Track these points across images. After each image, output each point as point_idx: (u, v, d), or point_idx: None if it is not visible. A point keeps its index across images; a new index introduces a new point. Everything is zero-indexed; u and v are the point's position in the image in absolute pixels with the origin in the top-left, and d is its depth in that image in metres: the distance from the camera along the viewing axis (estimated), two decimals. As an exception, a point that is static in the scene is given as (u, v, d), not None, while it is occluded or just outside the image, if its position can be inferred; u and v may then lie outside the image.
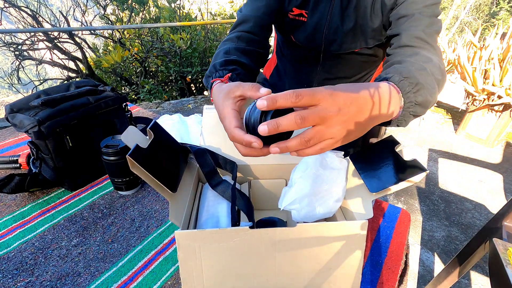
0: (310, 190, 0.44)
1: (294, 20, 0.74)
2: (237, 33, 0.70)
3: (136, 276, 0.51)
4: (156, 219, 0.64)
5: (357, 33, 0.70)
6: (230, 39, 0.69)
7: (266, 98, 0.33)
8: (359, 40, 0.71)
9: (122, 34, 3.71)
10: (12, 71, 3.78)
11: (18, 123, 0.62)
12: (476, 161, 2.47)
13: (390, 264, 0.56)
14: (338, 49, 0.74)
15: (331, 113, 0.33)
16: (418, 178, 0.38)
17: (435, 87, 0.47)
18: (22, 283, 0.49)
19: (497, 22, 4.93)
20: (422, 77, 0.45)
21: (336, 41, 0.73)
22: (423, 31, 0.57)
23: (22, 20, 3.68)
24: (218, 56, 0.63)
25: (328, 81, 0.82)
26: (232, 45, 0.66)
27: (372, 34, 0.70)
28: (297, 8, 0.72)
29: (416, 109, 0.44)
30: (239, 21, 0.72)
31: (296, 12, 0.73)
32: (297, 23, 0.74)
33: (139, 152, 0.36)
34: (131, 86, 3.99)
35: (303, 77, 0.85)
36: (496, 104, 2.44)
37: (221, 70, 0.56)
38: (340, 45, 0.73)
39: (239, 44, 0.67)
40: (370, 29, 0.68)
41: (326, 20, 0.71)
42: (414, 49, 0.56)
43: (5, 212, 0.63)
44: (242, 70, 0.59)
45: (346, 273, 0.42)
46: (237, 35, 0.69)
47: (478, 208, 1.93)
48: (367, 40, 0.71)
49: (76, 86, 0.74)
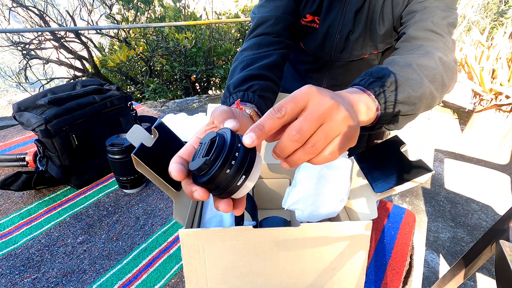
0: (314, 190, 0.44)
1: (306, 26, 0.72)
2: (256, 39, 0.64)
3: (141, 274, 0.52)
4: (160, 218, 0.64)
5: (366, 39, 0.69)
6: (249, 47, 0.63)
7: (251, 129, 0.28)
8: (368, 45, 0.69)
9: (127, 33, 3.73)
10: (19, 70, 3.83)
11: (25, 122, 0.63)
12: (483, 162, 2.44)
13: (395, 265, 0.56)
14: (348, 57, 0.72)
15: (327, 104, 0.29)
16: (424, 178, 0.38)
17: (421, 82, 0.44)
18: (29, 279, 0.50)
19: (505, 21, 4.85)
20: (404, 73, 0.43)
21: (346, 49, 0.71)
22: (433, 22, 0.54)
23: (29, 19, 3.72)
24: (235, 72, 0.56)
25: (335, 87, 0.80)
26: (251, 55, 0.59)
27: (381, 39, 0.68)
28: (310, 15, 0.71)
29: (401, 107, 0.41)
30: (257, 24, 0.67)
31: (309, 19, 0.71)
32: (309, 30, 0.73)
33: (144, 151, 0.37)
34: (136, 85, 4.01)
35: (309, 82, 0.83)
36: (503, 104, 2.40)
37: (234, 94, 0.49)
38: (350, 53, 0.71)
39: (259, 51, 0.60)
40: (379, 33, 0.67)
41: (338, 27, 0.69)
42: (418, 41, 0.54)
43: (12, 209, 0.64)
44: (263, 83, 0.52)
45: (350, 273, 0.42)
46: (256, 41, 0.63)
47: (485, 209, 1.91)
48: (377, 45, 0.69)
49: (82, 85, 0.75)
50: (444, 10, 0.56)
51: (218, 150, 0.27)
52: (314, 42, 0.73)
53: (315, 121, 0.28)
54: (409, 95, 0.42)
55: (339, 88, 0.79)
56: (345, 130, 0.30)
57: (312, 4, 0.69)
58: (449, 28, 0.56)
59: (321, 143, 0.29)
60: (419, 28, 0.55)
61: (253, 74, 0.53)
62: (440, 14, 0.55)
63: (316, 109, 0.29)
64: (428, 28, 0.54)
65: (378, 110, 0.39)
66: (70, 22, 3.91)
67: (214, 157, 0.27)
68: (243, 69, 0.55)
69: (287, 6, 0.68)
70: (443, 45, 0.53)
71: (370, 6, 0.65)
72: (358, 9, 0.66)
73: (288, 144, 0.29)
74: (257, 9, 0.70)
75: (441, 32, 0.54)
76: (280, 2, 0.68)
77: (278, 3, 0.68)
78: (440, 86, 0.47)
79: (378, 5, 0.64)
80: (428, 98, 0.45)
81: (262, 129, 0.28)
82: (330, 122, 0.29)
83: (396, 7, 0.63)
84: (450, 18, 0.56)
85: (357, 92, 0.38)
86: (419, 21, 0.56)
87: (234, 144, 0.28)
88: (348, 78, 0.78)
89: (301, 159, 0.30)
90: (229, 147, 0.27)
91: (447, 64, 0.49)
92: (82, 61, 4.03)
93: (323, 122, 0.29)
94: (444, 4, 0.57)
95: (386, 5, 0.63)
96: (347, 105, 0.32)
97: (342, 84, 0.79)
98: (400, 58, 0.48)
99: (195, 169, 0.28)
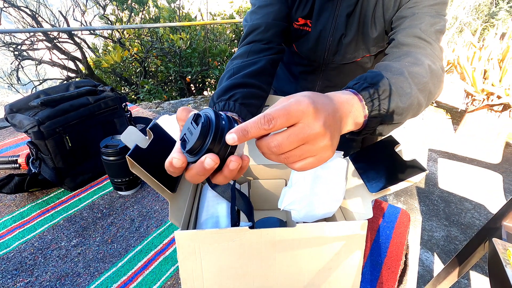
0: (310, 190, 0.44)
1: (298, 30, 0.73)
2: (246, 46, 0.65)
3: (136, 277, 0.51)
4: (155, 219, 0.63)
5: (359, 43, 0.69)
6: (239, 55, 0.64)
7: (235, 131, 0.29)
8: (361, 49, 0.70)
9: (121, 34, 3.71)
10: (11, 71, 3.77)
11: (17, 123, 0.62)
12: (476, 161, 2.47)
13: (390, 264, 0.56)
14: (341, 60, 0.73)
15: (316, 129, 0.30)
16: (418, 178, 0.38)
17: (411, 91, 0.45)
18: (22, 283, 0.49)
19: (496, 22, 4.93)
20: (396, 81, 0.44)
21: (339, 52, 0.71)
22: (421, 29, 0.55)
23: (21, 20, 3.67)
24: (222, 81, 0.58)
25: (329, 88, 0.81)
26: (239, 63, 0.61)
27: (374, 42, 0.68)
28: (302, 18, 0.71)
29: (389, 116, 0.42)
30: (248, 31, 0.68)
31: (301, 22, 0.72)
32: (301, 33, 0.73)
33: (139, 152, 0.36)
34: (130, 86, 3.98)
35: (304, 84, 0.84)
36: (495, 104, 2.44)
37: (217, 103, 0.51)
38: (343, 56, 0.72)
39: (248, 59, 0.62)
40: (371, 37, 0.67)
41: (330, 30, 0.69)
42: (407, 48, 0.55)
43: (4, 212, 0.63)
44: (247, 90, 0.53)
45: (346, 273, 0.42)
46: (246, 49, 0.64)
47: (478, 208, 1.93)
48: (369, 48, 0.70)
49: (75, 86, 0.74)
50: (433, 16, 0.56)
51: (204, 122, 0.30)
52: (306, 45, 0.74)
53: (297, 142, 0.30)
54: (397, 105, 0.43)
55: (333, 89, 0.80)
56: (320, 155, 0.32)
57: (304, 8, 0.69)
58: (437, 35, 0.56)
59: (294, 158, 0.31)
60: (408, 35, 0.56)
61: (236, 83, 0.53)
62: (428, 20, 0.56)
63: (303, 131, 0.30)
64: (416, 35, 0.55)
65: (366, 117, 0.40)
66: (63, 22, 3.86)
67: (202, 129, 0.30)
68: (228, 78, 0.56)
69: (279, 12, 0.68)
70: (431, 52, 0.54)
71: (362, 10, 0.65)
72: (349, 13, 0.66)
73: (264, 150, 0.31)
74: (249, 15, 0.70)
75: (429, 39, 0.55)
76: (271, 8, 0.68)
77: (269, 9, 0.68)
78: (428, 95, 0.49)
79: (369, 9, 0.64)
80: (415, 107, 0.46)
81: (245, 134, 0.29)
82: (310, 145, 0.30)
83: (387, 12, 0.63)
84: (438, 25, 0.56)
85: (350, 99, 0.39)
86: (408, 28, 0.57)
87: (217, 115, 0.32)
88: (342, 80, 0.79)
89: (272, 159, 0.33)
90: (215, 116, 0.31)
91: (435, 72, 0.50)
92: (75, 62, 3.99)
93: (304, 143, 0.30)
94: (433, 11, 0.57)
95: (377, 9, 0.64)
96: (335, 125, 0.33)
97: (336, 85, 0.80)
98: (393, 64, 0.49)
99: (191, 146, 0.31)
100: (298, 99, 0.30)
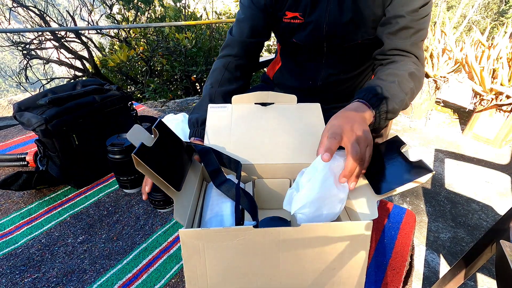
0: (319, 194, 0.43)
1: (289, 23, 0.75)
2: (224, 60, 0.78)
3: (141, 274, 0.52)
4: (160, 217, 0.64)
5: (358, 25, 0.71)
6: (217, 69, 0.77)
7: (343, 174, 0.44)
8: (361, 31, 0.72)
9: (127, 33, 3.73)
10: (20, 70, 3.83)
11: (25, 122, 0.63)
12: (483, 162, 2.43)
13: (395, 265, 0.56)
14: (341, 43, 0.74)
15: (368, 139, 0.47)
16: (424, 179, 0.38)
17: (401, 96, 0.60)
18: (29, 279, 0.50)
19: (506, 21, 4.85)
20: (391, 89, 0.59)
21: (338, 35, 0.73)
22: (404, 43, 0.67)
23: (30, 19, 3.72)
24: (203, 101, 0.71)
25: (332, 76, 0.83)
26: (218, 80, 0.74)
27: (373, 24, 0.70)
28: (289, 12, 0.73)
29: (388, 115, 0.58)
30: (226, 43, 0.79)
31: (290, 15, 0.74)
32: (294, 26, 0.75)
33: (144, 151, 0.37)
34: (136, 85, 4.01)
35: (308, 74, 0.85)
36: (504, 104, 2.40)
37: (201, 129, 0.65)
38: (342, 38, 0.74)
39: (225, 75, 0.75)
40: (370, 18, 0.69)
41: (324, 16, 0.71)
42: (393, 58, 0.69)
43: (12, 209, 0.64)
44: None
45: (350, 273, 0.42)
46: (223, 63, 0.77)
47: (485, 209, 1.91)
48: (368, 30, 0.72)
49: (82, 85, 0.75)
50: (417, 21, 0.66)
51: None
52: (303, 33, 0.76)
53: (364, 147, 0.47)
54: (393, 107, 0.58)
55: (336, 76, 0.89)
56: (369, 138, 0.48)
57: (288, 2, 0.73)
58: (419, 44, 0.69)
59: (367, 156, 0.47)
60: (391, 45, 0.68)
61: None
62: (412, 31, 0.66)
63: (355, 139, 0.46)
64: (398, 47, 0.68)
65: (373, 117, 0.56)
66: (70, 22, 3.90)
67: None
68: (208, 102, 0.70)
69: (253, 29, 0.76)
70: (416, 60, 0.68)
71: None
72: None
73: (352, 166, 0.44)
74: (233, 27, 0.80)
75: (414, 51, 0.68)
76: (246, 24, 0.76)
77: (244, 25, 0.76)
78: (412, 97, 0.65)
79: None
80: (404, 107, 0.62)
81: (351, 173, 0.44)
82: (369, 145, 0.48)
83: None
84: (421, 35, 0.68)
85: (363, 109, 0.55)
86: (393, 38, 0.68)
87: None
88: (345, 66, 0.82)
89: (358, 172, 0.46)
90: None
91: (417, 78, 0.66)
92: (82, 61, 4.03)
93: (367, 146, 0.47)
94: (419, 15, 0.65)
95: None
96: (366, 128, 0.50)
97: (340, 72, 0.83)
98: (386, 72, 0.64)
99: None
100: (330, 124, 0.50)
